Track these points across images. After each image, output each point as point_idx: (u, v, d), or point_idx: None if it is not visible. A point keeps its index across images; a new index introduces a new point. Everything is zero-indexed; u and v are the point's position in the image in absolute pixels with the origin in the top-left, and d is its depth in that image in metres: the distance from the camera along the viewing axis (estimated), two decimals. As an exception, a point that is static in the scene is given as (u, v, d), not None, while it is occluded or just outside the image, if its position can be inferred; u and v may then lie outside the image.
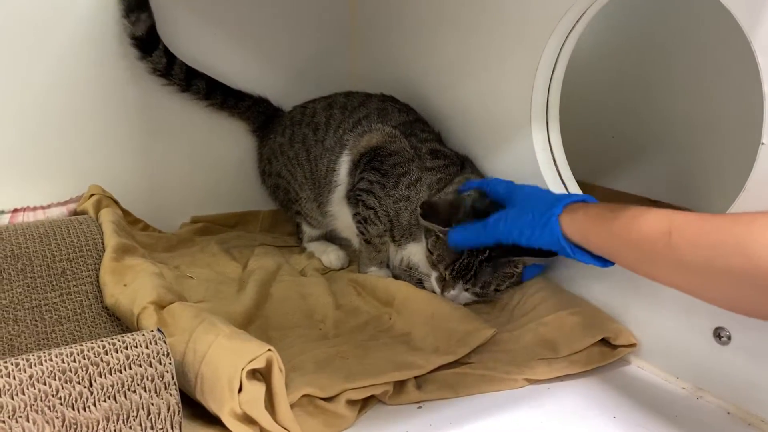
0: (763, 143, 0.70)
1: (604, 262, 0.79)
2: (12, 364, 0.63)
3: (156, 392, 0.66)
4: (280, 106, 1.36)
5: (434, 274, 1.02)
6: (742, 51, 0.73)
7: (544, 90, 1.00)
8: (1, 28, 1.12)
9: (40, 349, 0.85)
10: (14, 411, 0.61)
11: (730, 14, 0.72)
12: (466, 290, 0.99)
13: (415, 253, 1.09)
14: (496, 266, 0.97)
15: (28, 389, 0.62)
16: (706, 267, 0.62)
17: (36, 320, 0.91)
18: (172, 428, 0.66)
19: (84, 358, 0.65)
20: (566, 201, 0.82)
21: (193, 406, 0.73)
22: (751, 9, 0.69)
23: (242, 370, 0.68)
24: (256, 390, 0.69)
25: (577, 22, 0.95)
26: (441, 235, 0.98)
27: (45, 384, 0.63)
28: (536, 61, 0.98)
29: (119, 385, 0.65)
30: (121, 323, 0.93)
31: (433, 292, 1.07)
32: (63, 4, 1.16)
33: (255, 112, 1.35)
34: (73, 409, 0.63)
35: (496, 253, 0.95)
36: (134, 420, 0.65)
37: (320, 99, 1.27)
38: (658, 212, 0.68)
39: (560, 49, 0.98)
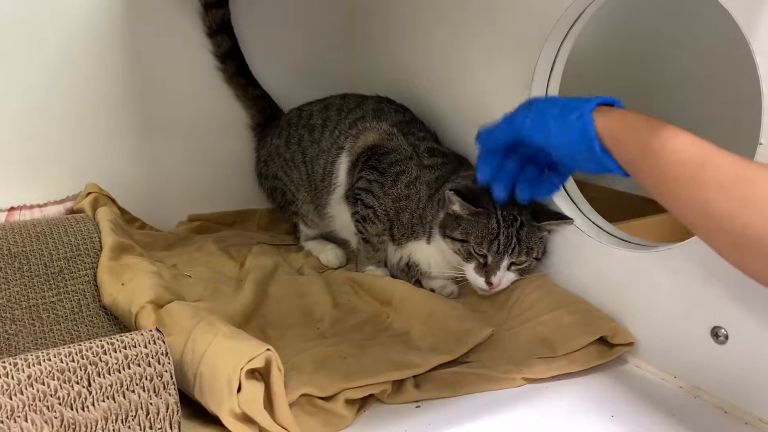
0: (761, 143, 0.71)
1: (626, 172, 0.75)
2: (10, 364, 0.63)
3: (155, 392, 0.66)
4: (282, 108, 1.36)
5: (471, 266, 0.98)
6: (741, 52, 0.73)
7: (541, 90, 1.00)
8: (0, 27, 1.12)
9: (38, 349, 0.85)
10: (13, 411, 0.61)
11: (729, 15, 0.72)
12: (510, 267, 0.97)
13: (416, 251, 1.09)
14: (529, 230, 0.96)
15: (26, 389, 0.62)
16: (726, 216, 0.60)
17: (33, 319, 0.91)
18: (170, 428, 0.66)
19: (83, 358, 0.65)
20: (599, 99, 0.77)
21: (192, 406, 0.73)
22: (751, 11, 0.69)
23: (241, 369, 0.68)
24: (254, 389, 0.69)
25: (574, 22, 0.95)
26: (470, 216, 0.97)
27: (43, 384, 0.63)
28: (534, 61, 0.98)
29: (118, 384, 0.65)
30: (119, 322, 0.93)
31: (429, 293, 1.07)
32: (61, 3, 1.15)
33: (260, 105, 1.35)
34: (72, 409, 0.63)
35: (526, 217, 0.96)
36: (133, 420, 0.65)
37: (316, 101, 1.27)
38: (697, 141, 0.64)
39: (558, 50, 0.98)
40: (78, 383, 0.64)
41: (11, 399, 0.61)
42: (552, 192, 0.94)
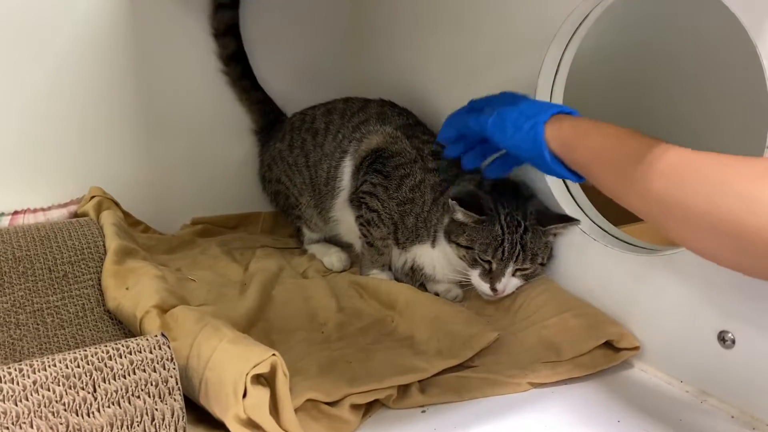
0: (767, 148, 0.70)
1: (579, 177, 0.80)
2: (16, 369, 0.62)
3: (160, 397, 0.66)
4: (285, 113, 1.36)
5: (476, 272, 0.98)
6: (747, 55, 0.73)
7: (546, 93, 1.00)
8: (2, 29, 1.11)
9: (42, 353, 0.86)
10: (18, 417, 0.61)
11: (735, 18, 0.72)
12: (515, 273, 0.97)
13: (420, 255, 1.08)
14: (534, 235, 0.96)
15: (32, 395, 0.62)
16: (670, 199, 0.63)
17: (38, 324, 0.91)
18: (176, 433, 0.66)
19: (88, 364, 0.64)
20: (555, 110, 0.82)
21: (197, 411, 0.73)
22: (757, 14, 0.69)
23: (247, 375, 0.68)
24: (260, 395, 0.68)
25: (580, 24, 0.94)
26: (474, 223, 0.97)
27: (49, 390, 0.62)
28: (539, 64, 0.97)
29: (123, 390, 0.65)
30: (123, 327, 0.92)
31: (433, 297, 1.07)
32: (63, 6, 1.15)
33: (263, 109, 1.35)
34: (77, 415, 0.63)
35: (531, 222, 0.96)
36: (138, 425, 0.64)
37: (320, 105, 1.27)
38: (643, 137, 0.69)
39: (563, 52, 0.97)
40: (83, 389, 0.63)
41: (16, 405, 0.61)
42: (498, 174, 0.98)
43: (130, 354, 0.66)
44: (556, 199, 0.99)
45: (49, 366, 0.63)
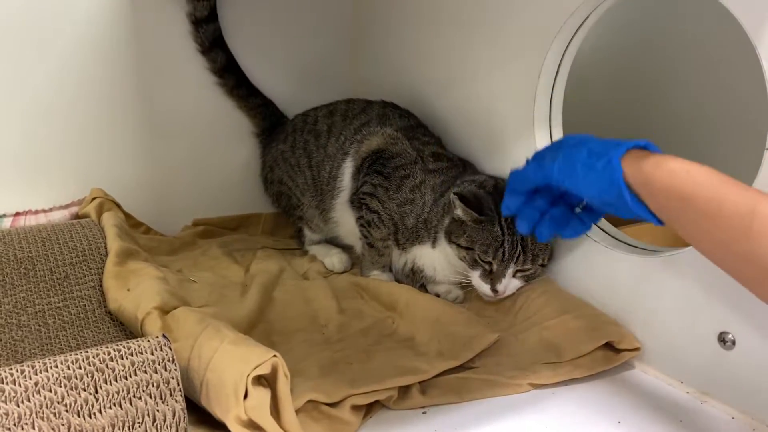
0: (768, 149, 0.71)
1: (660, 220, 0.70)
2: (17, 371, 0.63)
3: (161, 399, 0.66)
4: (285, 114, 1.36)
5: (476, 273, 0.98)
6: (747, 56, 0.73)
7: (547, 93, 1.00)
8: (3, 31, 1.12)
9: (44, 355, 0.86)
10: (20, 418, 0.61)
11: (735, 19, 0.72)
12: (516, 274, 0.97)
13: (421, 256, 1.08)
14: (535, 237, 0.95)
15: (33, 396, 0.62)
16: None
17: (39, 325, 0.91)
18: (177, 435, 0.66)
19: (89, 365, 0.65)
20: (629, 145, 0.71)
21: (198, 412, 0.73)
22: (756, 15, 0.69)
23: (248, 376, 0.68)
24: (261, 396, 0.68)
25: (580, 25, 0.95)
26: (474, 223, 0.97)
27: (50, 391, 0.63)
28: (539, 64, 0.98)
29: (125, 391, 0.65)
30: (124, 328, 0.93)
31: (434, 298, 1.07)
32: (64, 8, 1.15)
33: (263, 113, 1.35)
34: (79, 416, 0.63)
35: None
36: (140, 427, 0.65)
37: (321, 107, 1.27)
38: (743, 188, 0.61)
39: (563, 53, 0.98)
40: (85, 390, 0.64)
41: (18, 406, 0.61)
42: (579, 233, 0.86)
43: (132, 355, 0.66)
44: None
45: (51, 367, 0.64)
